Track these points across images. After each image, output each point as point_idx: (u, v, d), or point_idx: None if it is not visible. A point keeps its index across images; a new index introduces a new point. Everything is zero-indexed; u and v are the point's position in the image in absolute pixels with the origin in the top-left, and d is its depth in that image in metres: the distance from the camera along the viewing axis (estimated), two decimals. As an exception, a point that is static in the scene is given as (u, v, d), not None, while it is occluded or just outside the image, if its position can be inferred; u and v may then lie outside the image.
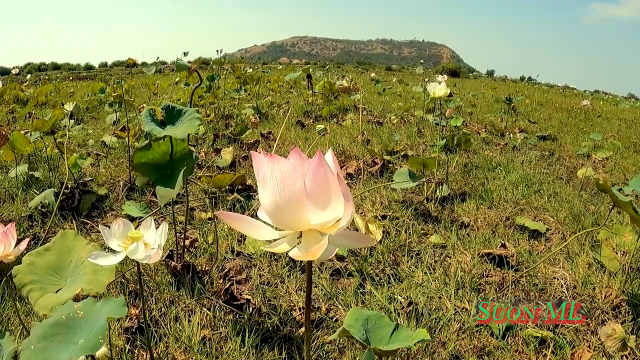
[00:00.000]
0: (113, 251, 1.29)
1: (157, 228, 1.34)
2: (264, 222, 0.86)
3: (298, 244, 0.83)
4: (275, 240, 0.86)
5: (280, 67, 25.37)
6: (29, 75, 17.77)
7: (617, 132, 8.06)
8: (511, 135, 6.49)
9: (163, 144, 1.95)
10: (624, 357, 1.83)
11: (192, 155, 1.96)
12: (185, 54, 7.99)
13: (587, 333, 1.96)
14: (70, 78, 19.89)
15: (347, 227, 0.81)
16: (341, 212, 0.79)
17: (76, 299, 1.41)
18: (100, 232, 1.35)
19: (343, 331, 1.21)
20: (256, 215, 0.90)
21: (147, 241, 1.32)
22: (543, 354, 1.82)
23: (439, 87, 3.50)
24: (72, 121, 5.81)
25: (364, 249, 2.51)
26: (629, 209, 1.87)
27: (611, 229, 2.75)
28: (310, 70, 8.02)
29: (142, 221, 1.37)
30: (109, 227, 1.32)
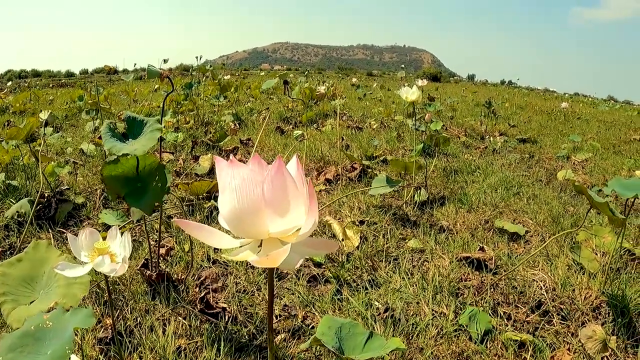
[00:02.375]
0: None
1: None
2: (226, 230, 0.84)
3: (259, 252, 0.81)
4: (237, 248, 0.83)
5: (262, 73, 25.31)
6: (9, 83, 17.57)
7: (597, 134, 8.13)
8: (491, 138, 6.52)
9: (131, 157, 1.89)
10: (605, 358, 1.82)
11: (164, 169, 1.89)
12: (165, 61, 7.95)
13: (567, 335, 1.95)
14: (50, 85, 19.63)
15: (318, 235, 0.79)
16: (302, 221, 0.77)
17: (49, 312, 1.39)
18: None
19: (315, 340, 1.17)
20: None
21: (113, 252, 1.29)
22: (522, 357, 1.81)
23: (411, 92, 3.50)
24: (50, 129, 5.74)
25: (341, 254, 2.49)
26: (605, 210, 1.87)
27: (591, 230, 2.75)
28: (292, 76, 8.03)
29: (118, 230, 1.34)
30: (76, 236, 1.29)
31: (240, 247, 0.83)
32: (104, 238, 1.30)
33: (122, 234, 1.31)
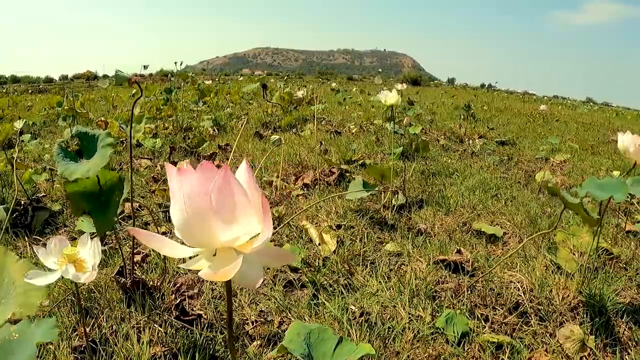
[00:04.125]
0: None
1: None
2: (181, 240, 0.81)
3: None
4: (192, 257, 0.81)
5: (240, 78, 25.24)
6: (-14, 89, 17.46)
7: (575, 135, 8.22)
8: (470, 141, 6.54)
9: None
10: (584, 358, 1.82)
11: (122, 183, 1.83)
12: (145, 67, 7.88)
13: (545, 336, 1.94)
14: (29, 91, 19.44)
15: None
16: (252, 229, 0.75)
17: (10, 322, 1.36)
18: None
19: (282, 348, 1.15)
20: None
21: (83, 258, 1.28)
22: (500, 359, 1.79)
23: (389, 95, 3.51)
24: (28, 136, 5.68)
25: (318, 259, 2.47)
26: (579, 210, 1.86)
27: (568, 230, 2.76)
28: (272, 81, 8.02)
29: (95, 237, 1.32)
30: (45, 246, 1.28)
31: (194, 256, 0.81)
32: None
33: (91, 240, 1.30)
